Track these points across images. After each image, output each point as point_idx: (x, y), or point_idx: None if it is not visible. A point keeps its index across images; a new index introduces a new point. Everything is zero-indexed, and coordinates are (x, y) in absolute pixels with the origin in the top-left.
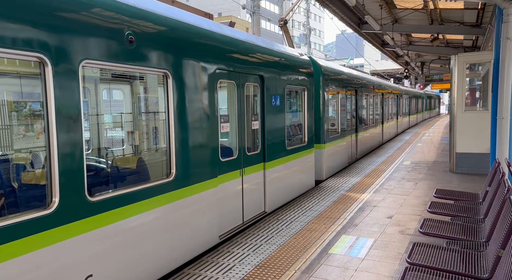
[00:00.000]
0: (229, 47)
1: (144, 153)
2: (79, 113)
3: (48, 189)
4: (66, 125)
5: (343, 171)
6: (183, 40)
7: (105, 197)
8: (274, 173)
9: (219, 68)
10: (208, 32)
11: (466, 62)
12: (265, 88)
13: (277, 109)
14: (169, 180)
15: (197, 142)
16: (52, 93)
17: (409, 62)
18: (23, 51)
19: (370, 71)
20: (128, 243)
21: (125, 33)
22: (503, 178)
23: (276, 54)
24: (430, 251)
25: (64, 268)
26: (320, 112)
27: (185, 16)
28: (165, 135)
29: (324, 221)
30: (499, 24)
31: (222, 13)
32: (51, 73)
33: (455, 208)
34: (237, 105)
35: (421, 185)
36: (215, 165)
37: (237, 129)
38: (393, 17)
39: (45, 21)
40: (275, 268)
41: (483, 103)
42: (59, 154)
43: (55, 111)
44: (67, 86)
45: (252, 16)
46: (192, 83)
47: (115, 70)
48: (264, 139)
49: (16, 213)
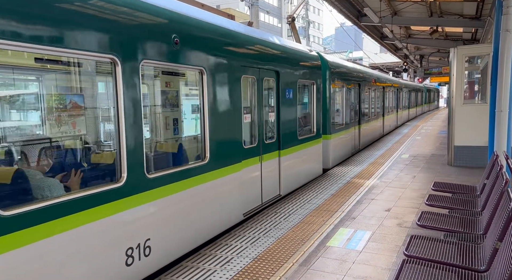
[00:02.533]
0: (251, 46)
1: (184, 139)
2: (140, 104)
3: (118, 167)
4: (131, 115)
5: (347, 161)
6: (214, 41)
7: (158, 175)
8: (287, 160)
9: (243, 65)
10: (234, 33)
11: (465, 55)
12: (280, 82)
13: (290, 102)
14: (204, 163)
15: (226, 131)
16: (121, 86)
17: (408, 55)
18: (100, 54)
19: (369, 64)
20: (176, 214)
21: (172, 37)
22: (501, 171)
23: (289, 50)
24: (427, 243)
25: (130, 231)
26: (327, 105)
27: (215, 19)
28: (201, 124)
29: (322, 214)
30: (499, 16)
31: (220, 5)
32: (121, 71)
33: (452, 201)
34: (256, 98)
35: (419, 178)
36: (240, 152)
37: (257, 120)
38: (392, 10)
39: (117, 30)
40: (273, 261)
41: (481, 96)
42: (127, 139)
43: (123, 103)
44: (131, 81)
45: (250, 8)
46: (222, 79)
47: (164, 68)
48: (279, 129)
49: (97, 185)
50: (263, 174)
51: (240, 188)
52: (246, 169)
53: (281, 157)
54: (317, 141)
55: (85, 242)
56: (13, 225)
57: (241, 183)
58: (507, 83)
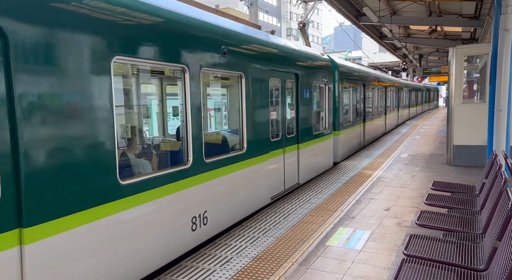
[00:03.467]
0: (276, 52)
1: (227, 132)
2: (201, 103)
3: (185, 153)
4: (195, 112)
5: (353, 156)
6: (250, 50)
7: (212, 160)
8: (305, 153)
9: (271, 69)
10: (264, 42)
11: (464, 54)
12: (299, 83)
13: (307, 101)
14: (242, 152)
15: (258, 126)
16: (189, 91)
17: (407, 55)
18: (175, 64)
19: (368, 63)
20: (224, 193)
21: (221, 48)
22: (500, 170)
23: (306, 55)
24: (426, 243)
25: (193, 204)
26: (337, 103)
27: (248, 30)
28: (239, 120)
29: (321, 213)
30: (498, 16)
31: (219, 5)
32: (188, 77)
33: (452, 200)
34: (280, 97)
35: (418, 177)
36: (268, 144)
37: (281, 116)
38: (391, 9)
39: (187, 47)
40: (272, 260)
41: (480, 96)
42: (192, 130)
43: (191, 103)
44: (195, 85)
45: (249, 8)
46: (255, 81)
47: (215, 73)
48: (298, 125)
49: (173, 166)
50: (286, 164)
51: (268, 175)
52: (272, 159)
53: (299, 150)
54: (329, 136)
55: (168, 210)
56: (126, 192)
57: (269, 171)
58: (506, 83)
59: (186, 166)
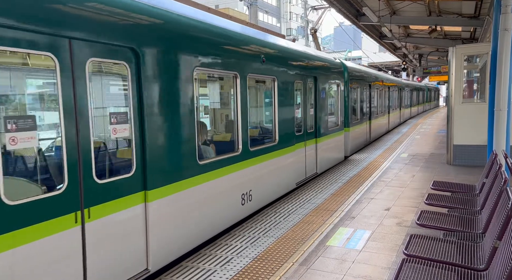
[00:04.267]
0: (299, 58)
1: (262, 127)
2: (247, 103)
3: (236, 143)
4: (243, 110)
5: (361, 151)
6: (281, 57)
7: (254, 149)
8: (322, 146)
9: (296, 73)
10: (291, 50)
11: (464, 54)
12: (317, 85)
13: (324, 100)
14: (275, 143)
15: (287, 121)
16: (239, 93)
17: (407, 54)
18: (230, 71)
19: (368, 63)
20: (263, 176)
21: (261, 57)
22: (500, 169)
23: (322, 59)
24: (427, 242)
25: (242, 183)
26: (347, 102)
27: (277, 40)
28: (273, 116)
29: (322, 213)
30: (497, 15)
31: (219, 5)
32: (239, 82)
33: (452, 200)
34: (302, 97)
35: (418, 177)
36: (293, 137)
37: (303, 114)
38: (391, 9)
39: (240, 57)
40: (273, 261)
41: (480, 95)
42: (241, 125)
43: (240, 103)
44: (245, 89)
45: (249, 8)
46: (285, 84)
47: (256, 78)
48: (316, 122)
49: (229, 152)
50: (306, 155)
51: (293, 164)
52: (297, 151)
53: (317, 144)
54: (341, 132)
55: (227, 186)
56: (202, 170)
57: (294, 160)
58: (505, 82)
59: (237, 153)
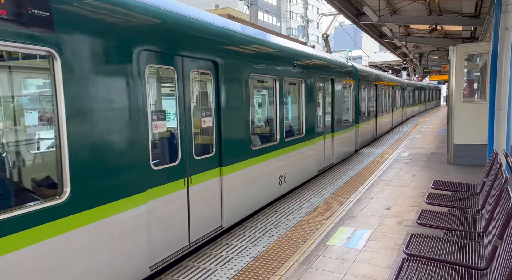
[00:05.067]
0: (320, 62)
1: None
2: (284, 102)
3: (275, 135)
4: (281, 107)
5: (368, 145)
6: (308, 62)
7: (288, 140)
8: (337, 139)
9: (317, 76)
10: (314, 55)
11: (464, 53)
12: (334, 86)
13: (339, 99)
14: (302, 136)
15: (310, 117)
16: (278, 93)
17: (407, 54)
18: (272, 76)
19: (368, 63)
20: (293, 162)
21: (293, 63)
22: (501, 169)
23: (337, 63)
24: (427, 242)
25: (279, 167)
26: (357, 101)
27: (306, 48)
28: (300, 113)
29: (322, 212)
30: (498, 14)
31: (219, 4)
32: (278, 84)
33: (452, 199)
34: (322, 97)
35: (419, 176)
36: (316, 132)
37: (322, 111)
38: (391, 8)
39: (279, 65)
40: (273, 260)
41: (481, 94)
42: (279, 120)
43: (278, 101)
44: (282, 89)
45: (249, 7)
46: (309, 85)
47: (289, 80)
48: (333, 118)
49: (270, 142)
50: (325, 147)
51: (316, 154)
52: (318, 143)
53: (334, 137)
54: (352, 128)
55: (270, 168)
56: (254, 154)
57: (316, 151)
58: (506, 81)
59: (276, 143)
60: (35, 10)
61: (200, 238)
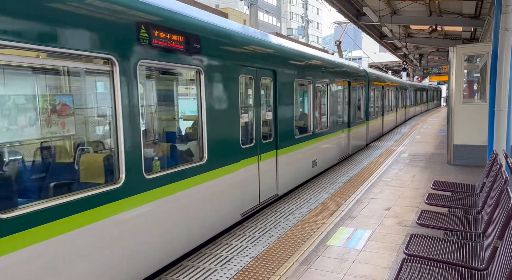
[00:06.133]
0: (340, 68)
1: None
2: (316, 100)
3: (309, 127)
4: (314, 105)
5: (376, 141)
6: (332, 68)
7: (318, 131)
8: (352, 134)
9: (340, 78)
10: (336, 62)
11: (464, 54)
12: (350, 87)
13: (354, 99)
14: (327, 129)
15: (334, 114)
16: (311, 94)
17: (407, 54)
18: (308, 79)
19: (368, 63)
20: (322, 150)
21: (322, 69)
22: (500, 169)
23: (353, 68)
24: (427, 242)
25: (312, 154)
26: (368, 100)
27: (329, 56)
28: (326, 110)
29: (322, 213)
30: (498, 15)
31: (219, 4)
32: (311, 86)
33: (452, 200)
34: (341, 97)
35: (418, 177)
36: (337, 126)
37: (341, 109)
38: (391, 9)
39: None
40: (273, 260)
41: (481, 95)
42: (313, 115)
43: (312, 100)
44: (315, 91)
45: (249, 8)
46: (335, 87)
47: (320, 83)
48: (349, 115)
49: (306, 133)
50: (343, 139)
51: (336, 145)
52: (338, 136)
53: (350, 132)
54: (363, 124)
55: (306, 154)
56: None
57: (337, 142)
58: (506, 82)
59: (309, 134)
60: (195, 44)
61: (265, 200)
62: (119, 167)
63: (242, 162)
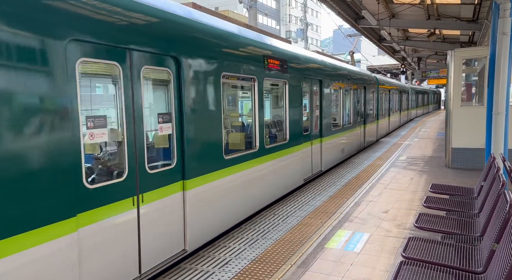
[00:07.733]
0: (357, 75)
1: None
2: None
3: (340, 123)
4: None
5: (385, 137)
6: (355, 77)
7: (345, 126)
8: (366, 130)
9: (360, 84)
10: (357, 71)
11: (462, 57)
12: (366, 91)
13: (368, 101)
14: (350, 124)
15: (355, 113)
16: (341, 96)
17: (405, 58)
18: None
19: (367, 66)
20: (348, 141)
21: (347, 76)
22: (498, 172)
23: (366, 75)
24: (425, 245)
25: (341, 143)
26: (378, 103)
27: (352, 67)
28: (349, 109)
29: (320, 215)
30: (496, 19)
31: (219, 7)
32: (341, 91)
33: (450, 203)
34: (358, 99)
35: (416, 180)
36: (356, 123)
37: (358, 110)
38: (390, 12)
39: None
40: (271, 263)
41: (479, 99)
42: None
43: (342, 102)
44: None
45: (249, 10)
46: (357, 91)
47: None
48: (365, 114)
49: (337, 126)
50: (360, 134)
51: (356, 138)
52: (356, 131)
53: (365, 128)
54: (374, 122)
55: (337, 143)
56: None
57: (356, 136)
58: (504, 86)
59: (339, 128)
60: (284, 66)
61: (315, 173)
62: (255, 141)
63: (304, 144)
